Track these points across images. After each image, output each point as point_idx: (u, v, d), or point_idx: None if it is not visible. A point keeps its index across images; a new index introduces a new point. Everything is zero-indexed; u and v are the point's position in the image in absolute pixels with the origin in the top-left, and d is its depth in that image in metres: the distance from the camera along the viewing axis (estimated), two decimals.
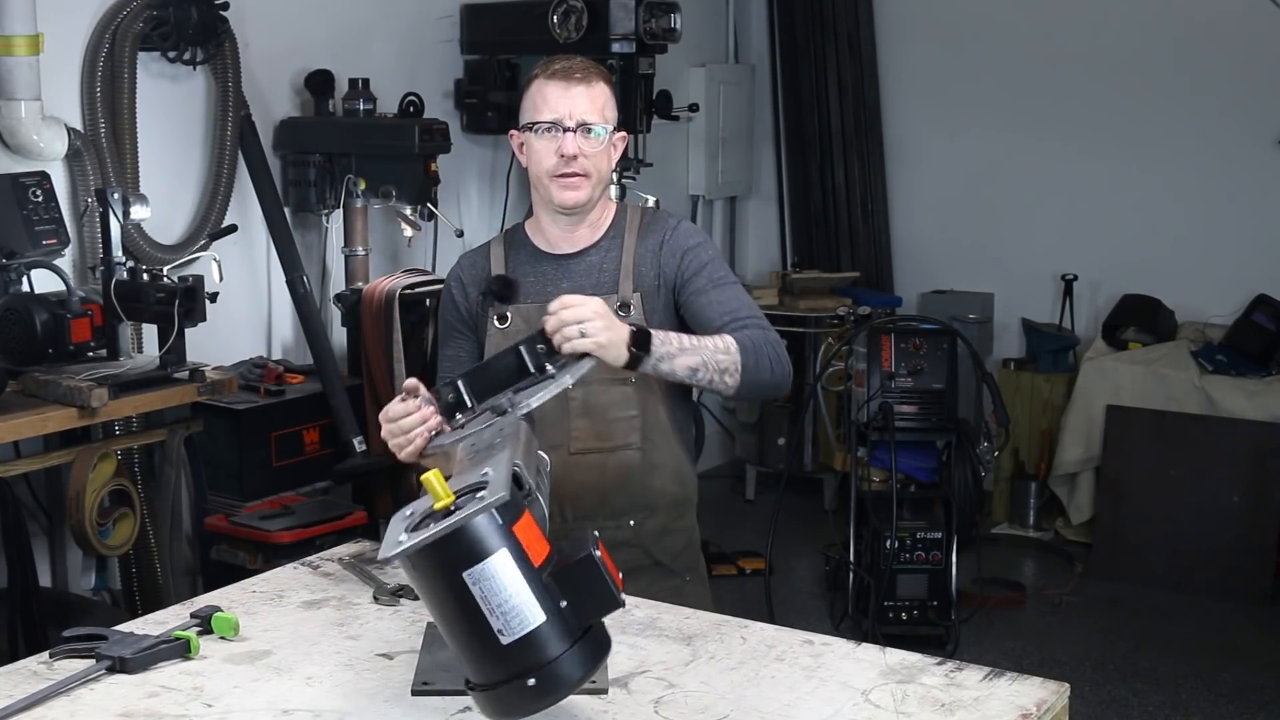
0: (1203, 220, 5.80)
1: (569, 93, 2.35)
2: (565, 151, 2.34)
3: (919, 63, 6.37)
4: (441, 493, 1.63)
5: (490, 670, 1.61)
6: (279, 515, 3.64)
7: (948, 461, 4.79)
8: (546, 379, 1.99)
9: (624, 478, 2.44)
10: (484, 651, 1.60)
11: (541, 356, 2.01)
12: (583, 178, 2.37)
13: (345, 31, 4.62)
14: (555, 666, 1.60)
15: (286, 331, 4.46)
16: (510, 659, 1.59)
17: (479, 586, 1.58)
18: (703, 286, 2.41)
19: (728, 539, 5.53)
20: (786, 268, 6.43)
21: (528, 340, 2.02)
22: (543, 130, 2.36)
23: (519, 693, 1.60)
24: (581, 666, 1.62)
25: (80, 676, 1.86)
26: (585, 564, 1.63)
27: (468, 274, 2.52)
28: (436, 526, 1.58)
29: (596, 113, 2.36)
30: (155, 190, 3.78)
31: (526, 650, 1.59)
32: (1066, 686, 1.87)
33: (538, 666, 1.59)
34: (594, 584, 1.63)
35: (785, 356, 2.37)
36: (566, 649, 1.60)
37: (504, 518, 1.60)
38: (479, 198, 5.19)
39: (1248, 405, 5.16)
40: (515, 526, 1.61)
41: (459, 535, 1.58)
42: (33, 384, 3.22)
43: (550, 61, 2.40)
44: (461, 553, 1.58)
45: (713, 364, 2.26)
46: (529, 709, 1.63)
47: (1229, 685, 4.42)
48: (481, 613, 1.58)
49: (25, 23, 3.47)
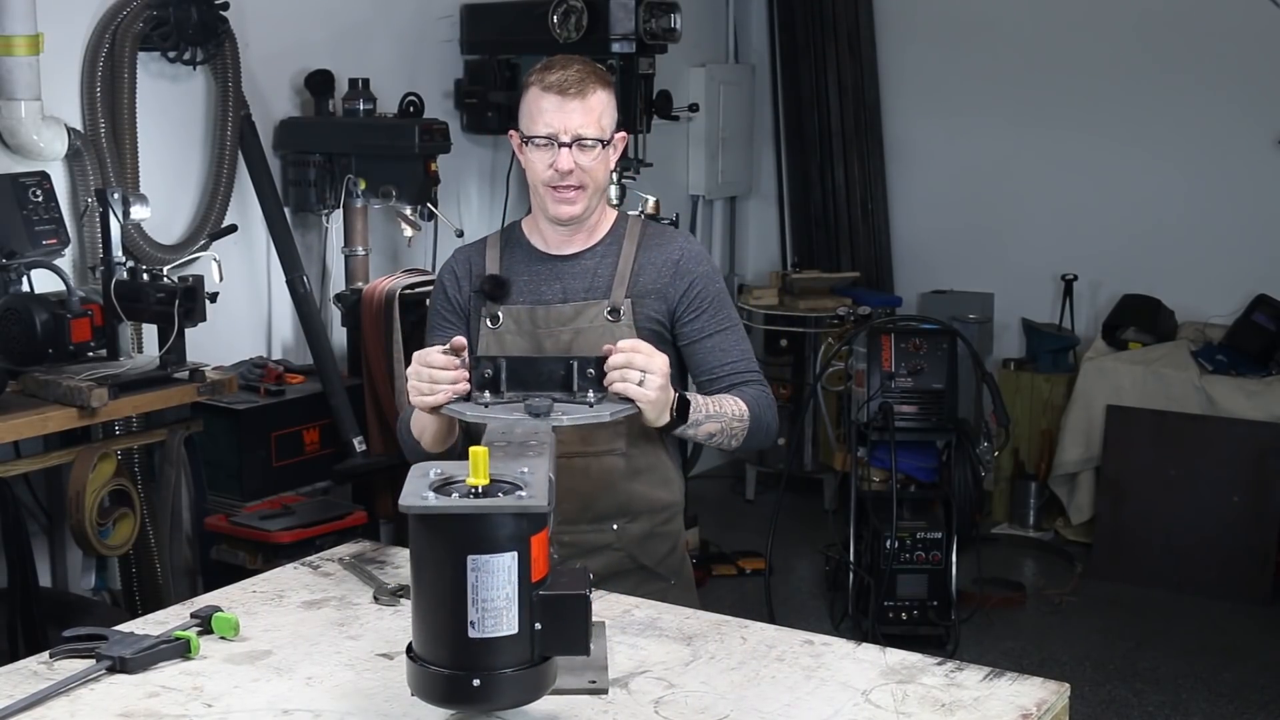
0: (1203, 220, 5.80)
1: (564, 108, 2.34)
2: (560, 167, 2.35)
3: (919, 63, 6.37)
4: (483, 472, 1.64)
5: (443, 653, 1.62)
6: (279, 515, 3.64)
7: (948, 461, 4.79)
8: (585, 403, 2.02)
9: (607, 482, 2.45)
10: (447, 634, 1.61)
11: (590, 381, 2.03)
12: (578, 190, 2.38)
13: (345, 31, 4.62)
14: (501, 678, 1.61)
15: (286, 331, 4.46)
16: (468, 652, 1.61)
17: (476, 574, 1.59)
18: (708, 327, 2.46)
19: (728, 539, 5.53)
20: (786, 268, 6.43)
21: (583, 359, 2.04)
22: (539, 144, 2.36)
23: (458, 686, 1.61)
24: (523, 691, 1.64)
25: (80, 676, 1.86)
26: (576, 601, 1.64)
27: (461, 268, 2.53)
28: (469, 502, 1.60)
29: (593, 125, 2.36)
30: (155, 190, 3.78)
31: (486, 652, 1.61)
32: (1066, 686, 1.87)
33: (488, 671, 1.61)
34: (573, 622, 1.65)
35: (776, 414, 2.49)
36: (520, 668, 1.62)
37: (529, 525, 1.61)
38: (479, 198, 5.19)
39: (1248, 405, 5.16)
40: (534, 537, 1.62)
41: (486, 520, 1.59)
42: (33, 384, 3.22)
43: (547, 68, 2.38)
44: (479, 536, 1.59)
45: (728, 431, 2.39)
46: (455, 703, 1.65)
47: (1229, 685, 4.42)
48: (465, 599, 1.59)
49: (25, 23, 3.47)
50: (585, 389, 2.04)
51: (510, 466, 1.70)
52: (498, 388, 2.04)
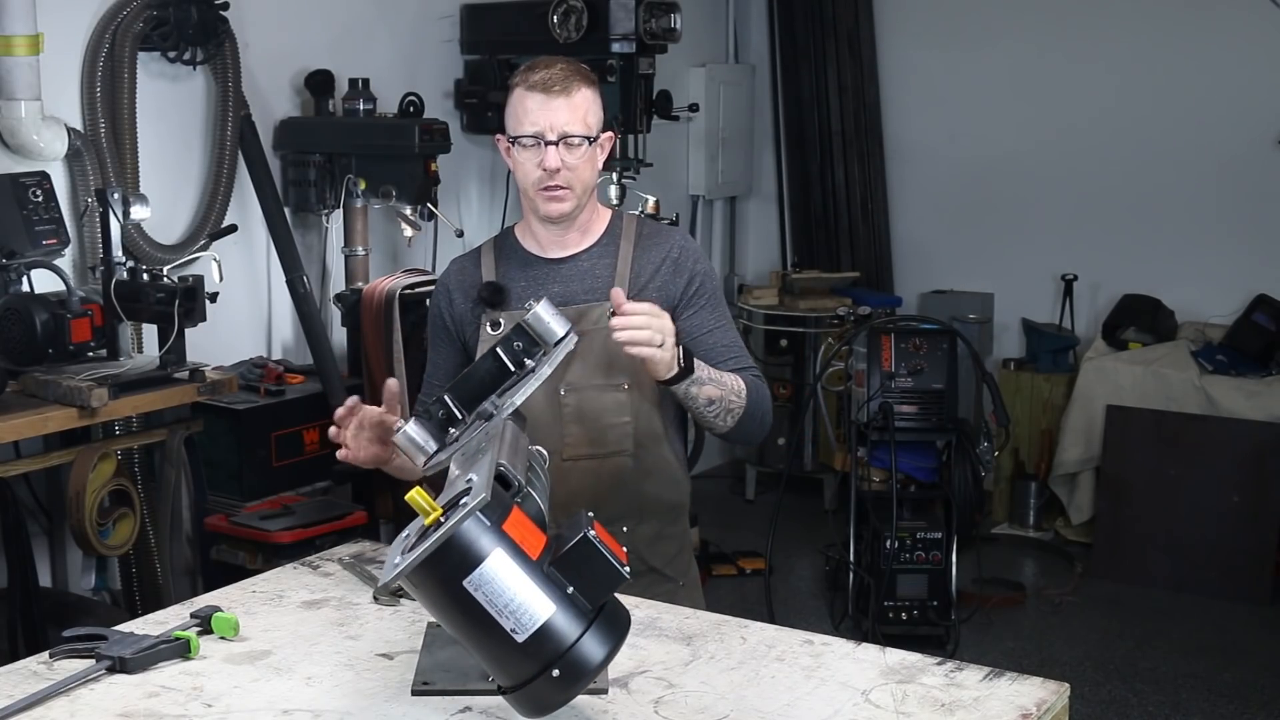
0: (1203, 220, 5.80)
1: (549, 105, 2.34)
2: (548, 165, 2.36)
3: (919, 63, 6.37)
4: (428, 508, 1.62)
5: (515, 671, 1.61)
6: (279, 515, 3.64)
7: (948, 461, 4.79)
8: (527, 374, 1.96)
9: (617, 484, 2.44)
10: (503, 654, 1.60)
11: (519, 353, 2.00)
12: (567, 189, 2.39)
13: (345, 31, 4.62)
14: (575, 653, 1.59)
15: (286, 331, 4.46)
16: (530, 656, 1.59)
17: (481, 592, 1.58)
18: (708, 323, 2.47)
19: (728, 539, 5.53)
20: (786, 268, 6.43)
21: (503, 341, 1.99)
22: (525, 144, 2.37)
23: (547, 686, 1.60)
24: (603, 646, 1.61)
25: (80, 676, 1.86)
26: (582, 546, 1.63)
27: (455, 280, 2.54)
28: (427, 542, 1.58)
29: (579, 122, 2.36)
30: (155, 190, 3.78)
31: (543, 644, 1.59)
32: (1066, 686, 1.87)
33: (557, 657, 1.59)
34: (595, 564, 1.62)
35: (771, 410, 2.51)
36: (582, 633, 1.60)
37: (491, 519, 1.60)
38: (479, 198, 5.20)
39: (1248, 405, 5.16)
40: (505, 525, 1.61)
41: (450, 546, 1.57)
42: (33, 384, 3.22)
43: (530, 69, 2.39)
44: (456, 562, 1.58)
45: (725, 403, 2.38)
46: (561, 700, 1.62)
47: (1229, 685, 4.42)
48: (491, 617, 1.58)
49: (25, 23, 3.47)
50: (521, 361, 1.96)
51: (461, 482, 1.69)
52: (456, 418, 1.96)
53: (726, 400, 2.37)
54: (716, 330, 2.47)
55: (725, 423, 2.40)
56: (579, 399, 2.42)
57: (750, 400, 2.41)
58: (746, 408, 2.40)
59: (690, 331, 2.45)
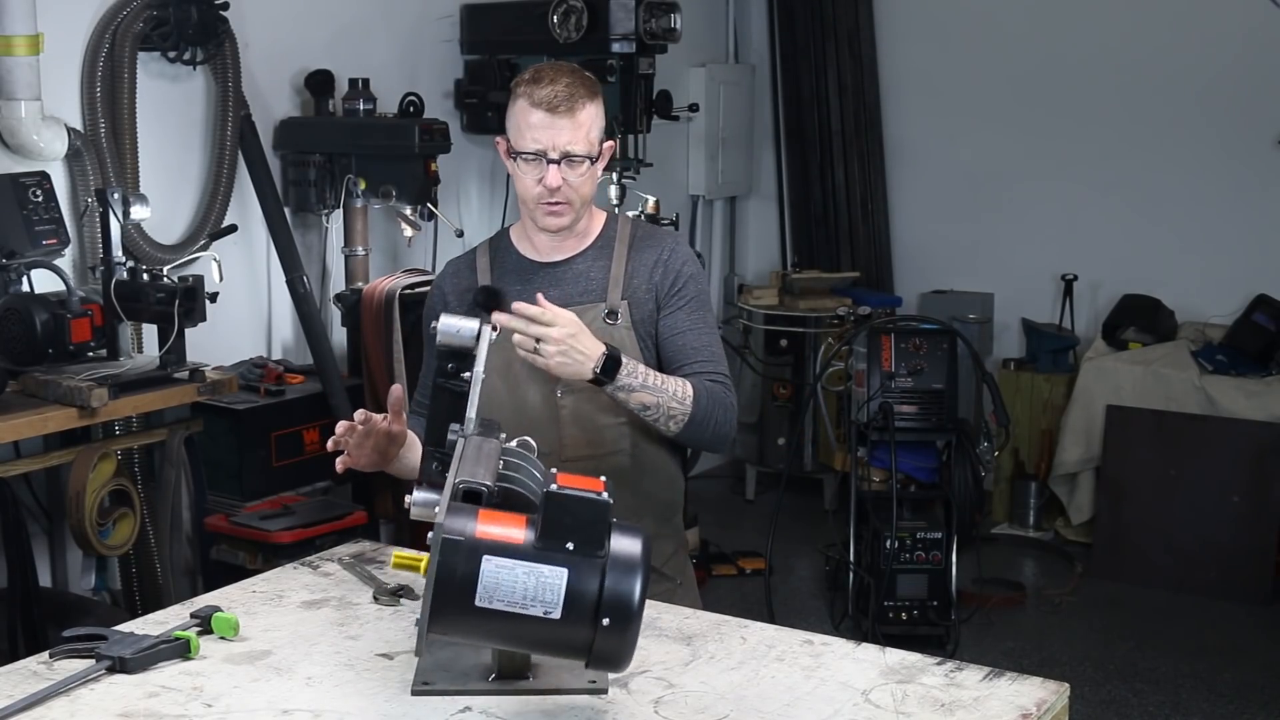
0: (1203, 220, 5.80)
1: (553, 124, 2.34)
2: (549, 184, 2.36)
3: (919, 63, 6.37)
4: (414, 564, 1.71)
5: (576, 643, 1.64)
6: (279, 515, 3.64)
7: (948, 461, 4.79)
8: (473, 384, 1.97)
9: (616, 483, 2.44)
10: (556, 637, 1.64)
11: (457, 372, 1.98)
12: (566, 204, 2.40)
13: (345, 31, 4.62)
14: (609, 595, 1.63)
15: (286, 331, 4.46)
16: (575, 623, 1.63)
17: (496, 600, 1.61)
18: (683, 324, 2.46)
19: (728, 539, 5.53)
20: (786, 268, 6.42)
21: (438, 374, 1.98)
22: (527, 158, 2.37)
23: (608, 638, 1.63)
24: (629, 576, 1.64)
25: (80, 676, 1.86)
26: (549, 503, 1.65)
27: (450, 284, 2.54)
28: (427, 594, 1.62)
29: (581, 140, 2.36)
30: (155, 190, 3.78)
31: (577, 606, 1.62)
32: (1066, 686, 1.87)
33: (596, 608, 1.62)
34: (573, 510, 1.65)
35: (733, 422, 2.46)
36: (602, 576, 1.63)
37: (462, 535, 1.63)
38: (479, 198, 5.20)
39: (1248, 405, 5.16)
40: (479, 533, 1.63)
41: (441, 585, 1.61)
42: (33, 384, 3.22)
43: (536, 81, 2.38)
44: (456, 594, 1.61)
45: (664, 408, 2.35)
46: (628, 643, 1.65)
47: (1229, 685, 4.42)
48: (521, 614, 1.62)
49: (25, 23, 3.47)
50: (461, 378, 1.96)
51: None
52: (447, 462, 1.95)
53: (666, 406, 2.34)
54: (689, 332, 2.45)
55: (668, 428, 2.38)
56: (575, 401, 2.42)
57: (699, 408, 2.37)
58: (693, 415, 2.37)
59: (665, 330, 2.46)
